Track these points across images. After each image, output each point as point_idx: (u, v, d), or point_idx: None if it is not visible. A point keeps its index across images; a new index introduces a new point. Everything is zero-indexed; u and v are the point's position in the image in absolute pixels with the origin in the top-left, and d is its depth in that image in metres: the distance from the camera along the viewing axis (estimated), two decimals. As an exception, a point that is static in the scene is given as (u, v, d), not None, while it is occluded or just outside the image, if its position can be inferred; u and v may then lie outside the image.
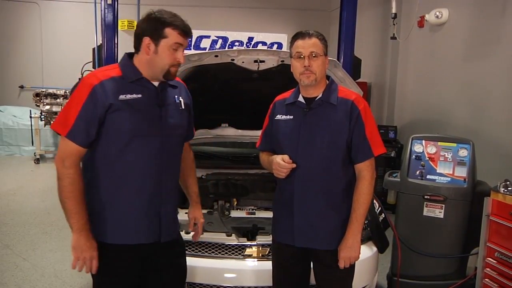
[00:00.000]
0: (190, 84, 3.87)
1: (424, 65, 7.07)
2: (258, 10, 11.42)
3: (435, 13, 6.39)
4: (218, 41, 11.29)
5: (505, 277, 3.06)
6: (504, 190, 3.16)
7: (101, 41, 7.15)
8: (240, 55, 3.67)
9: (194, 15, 11.14)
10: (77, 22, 10.90)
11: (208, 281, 3.23)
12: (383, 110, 8.48)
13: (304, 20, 11.57)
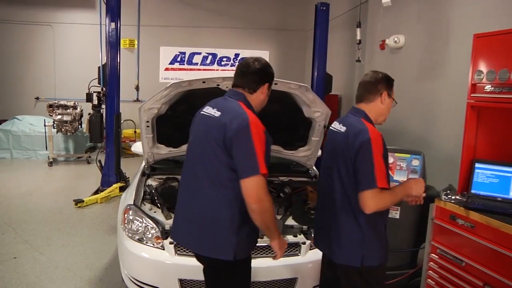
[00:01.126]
0: (181, 105, 3.98)
1: (385, 81, 7.05)
2: (244, 30, 11.44)
3: (394, 39, 6.43)
4: (209, 57, 11.30)
5: (445, 270, 3.14)
6: (445, 197, 3.24)
7: (106, 60, 7.19)
8: (224, 81, 3.73)
9: (188, 34, 11.27)
10: (86, 42, 10.94)
11: (199, 277, 3.08)
12: (350, 119, 8.51)
13: (284, 39, 11.67)
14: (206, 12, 11.28)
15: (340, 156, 2.58)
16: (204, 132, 2.56)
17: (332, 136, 2.72)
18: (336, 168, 2.61)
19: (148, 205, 3.78)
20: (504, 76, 2.93)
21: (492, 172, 3.19)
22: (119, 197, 6.73)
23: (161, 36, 11.18)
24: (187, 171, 2.70)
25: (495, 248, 2.76)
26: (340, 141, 2.59)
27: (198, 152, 2.59)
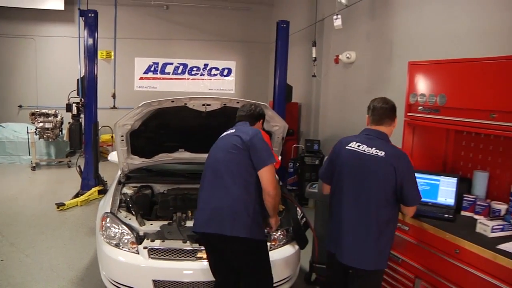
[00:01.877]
0: (153, 122, 4.06)
1: (340, 92, 7.23)
2: (212, 42, 11.49)
3: (346, 55, 6.64)
4: (180, 67, 11.40)
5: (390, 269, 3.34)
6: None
7: (84, 73, 7.18)
8: (191, 101, 3.84)
9: (160, 46, 11.28)
10: (66, 53, 10.80)
11: (171, 278, 3.33)
12: (310, 126, 8.64)
13: (249, 50, 11.77)
14: (178, 25, 11.29)
15: (383, 177, 2.69)
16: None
17: (365, 157, 2.77)
18: (375, 187, 2.71)
19: (124, 213, 3.86)
20: (432, 99, 3.15)
21: (425, 180, 3.40)
22: (98, 199, 6.78)
23: (136, 48, 11.14)
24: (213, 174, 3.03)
25: (425, 247, 2.97)
26: (381, 165, 2.70)
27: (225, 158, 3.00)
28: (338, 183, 2.91)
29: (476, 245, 2.61)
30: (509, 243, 2.63)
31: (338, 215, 2.88)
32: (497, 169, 3.29)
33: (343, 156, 2.88)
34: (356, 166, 2.79)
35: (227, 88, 11.70)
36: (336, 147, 3.00)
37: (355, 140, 2.88)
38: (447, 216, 3.09)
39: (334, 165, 2.96)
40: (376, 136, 2.84)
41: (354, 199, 2.78)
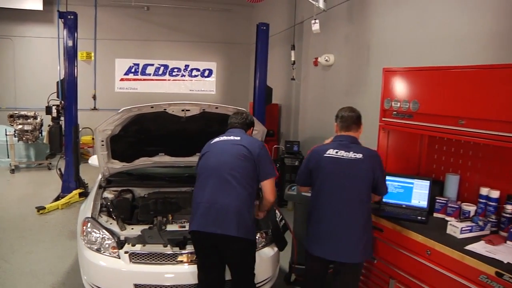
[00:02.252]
0: (133, 127, 4.09)
1: (319, 94, 7.32)
2: (193, 43, 11.48)
3: (325, 58, 6.73)
4: (161, 68, 11.37)
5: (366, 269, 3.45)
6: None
7: (64, 75, 7.13)
8: (170, 106, 3.88)
9: (141, 47, 11.22)
10: (45, 54, 10.64)
11: (152, 282, 3.36)
12: (290, 127, 8.72)
13: (230, 51, 11.79)
14: (159, 26, 11.25)
15: (364, 176, 3.02)
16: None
17: (346, 162, 3.04)
18: (357, 186, 3.02)
19: (105, 217, 3.87)
20: (405, 105, 3.25)
21: (399, 184, 3.51)
22: (79, 202, 6.75)
23: (116, 49, 11.06)
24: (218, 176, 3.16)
25: (398, 248, 3.08)
26: (362, 166, 3.02)
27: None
28: (321, 188, 3.12)
29: (446, 247, 2.72)
30: (476, 243, 2.75)
31: (323, 217, 3.09)
32: (467, 172, 3.42)
33: (323, 163, 3.11)
34: (337, 170, 3.05)
35: (208, 89, 11.71)
36: (312, 157, 3.22)
37: (331, 147, 3.14)
38: (420, 218, 3.20)
39: (313, 173, 3.18)
40: (350, 142, 3.15)
41: (339, 200, 3.03)
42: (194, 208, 3.23)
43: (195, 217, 3.18)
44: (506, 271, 2.36)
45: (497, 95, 2.61)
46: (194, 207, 3.23)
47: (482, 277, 2.46)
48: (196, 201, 3.22)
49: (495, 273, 2.39)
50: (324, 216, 3.10)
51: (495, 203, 3.08)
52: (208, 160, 3.28)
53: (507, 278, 2.33)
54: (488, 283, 2.43)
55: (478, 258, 2.53)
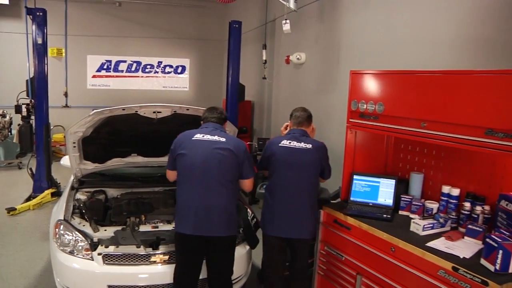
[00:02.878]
0: (104, 129, 4.10)
1: (291, 91, 7.42)
2: (166, 39, 11.41)
3: (296, 56, 6.84)
4: (133, 64, 11.28)
5: (330, 263, 3.57)
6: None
7: (34, 73, 7.03)
8: (142, 109, 3.91)
9: (113, 43, 11.10)
10: (13, 50, 10.36)
11: (126, 283, 3.41)
12: (263, 124, 8.81)
13: (203, 48, 11.79)
14: (131, 22, 11.14)
15: (312, 163, 3.49)
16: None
17: (293, 151, 3.49)
18: (306, 171, 3.48)
19: (78, 219, 3.88)
20: (371, 107, 3.37)
21: (366, 182, 3.64)
22: (51, 202, 6.69)
23: (88, 45, 10.90)
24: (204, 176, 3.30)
25: (364, 246, 3.20)
26: (311, 154, 3.48)
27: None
28: (276, 174, 3.54)
29: (408, 244, 2.85)
30: (437, 240, 2.89)
31: (278, 200, 3.52)
32: (431, 171, 3.56)
33: (278, 152, 3.53)
34: (290, 158, 3.48)
35: (181, 85, 11.68)
36: (268, 147, 3.66)
37: (285, 138, 3.58)
38: (385, 216, 3.33)
39: (270, 161, 3.59)
40: (301, 134, 3.60)
41: (293, 184, 3.47)
42: (183, 210, 3.32)
43: (186, 219, 3.28)
44: (461, 266, 2.50)
45: (457, 99, 2.74)
46: (183, 209, 3.32)
47: (440, 272, 2.60)
48: (184, 203, 3.31)
49: (452, 268, 2.53)
50: (278, 199, 3.52)
51: (455, 201, 3.23)
52: (192, 160, 3.32)
53: (462, 272, 2.47)
54: (445, 277, 2.57)
55: (437, 254, 2.67)
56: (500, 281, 2.33)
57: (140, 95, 11.24)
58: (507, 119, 2.42)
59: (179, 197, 3.39)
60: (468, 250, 2.72)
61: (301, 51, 6.83)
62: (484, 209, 3.01)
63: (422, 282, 2.72)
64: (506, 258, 2.42)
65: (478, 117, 2.60)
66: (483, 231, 2.83)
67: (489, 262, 2.48)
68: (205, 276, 3.54)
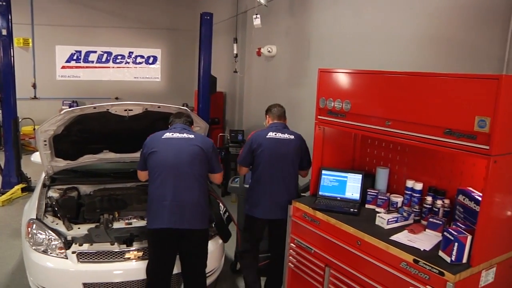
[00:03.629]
0: (75, 127, 4.10)
1: (262, 83, 7.49)
2: (137, 29, 11.30)
3: (267, 48, 6.91)
4: (104, 55, 11.14)
5: (300, 255, 3.66)
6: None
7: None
8: (113, 107, 3.94)
9: (83, 33, 10.91)
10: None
11: (101, 280, 3.47)
12: (235, 115, 8.87)
13: (175, 38, 11.71)
14: (101, 12, 10.96)
15: (294, 152, 3.93)
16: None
17: (279, 141, 3.91)
18: (290, 159, 3.91)
19: (51, 218, 3.89)
20: (338, 105, 3.47)
21: (334, 177, 3.76)
22: (22, 198, 6.63)
23: (56, 35, 10.69)
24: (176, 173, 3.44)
25: (332, 239, 3.33)
26: (293, 144, 3.94)
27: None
28: (262, 162, 3.90)
29: (373, 238, 2.99)
30: (400, 233, 3.03)
31: (264, 184, 3.90)
32: (396, 165, 3.71)
33: (265, 143, 3.89)
34: (277, 148, 3.90)
35: (153, 76, 11.62)
36: (254, 140, 3.96)
37: (270, 131, 3.96)
38: (352, 210, 3.46)
39: (255, 152, 3.91)
40: (283, 127, 4.04)
41: (277, 170, 3.88)
42: (156, 206, 3.39)
43: (160, 214, 3.36)
44: (421, 258, 2.65)
45: (419, 100, 2.85)
46: (156, 204, 3.39)
47: (403, 264, 2.75)
48: (158, 199, 3.39)
49: (413, 260, 2.68)
50: (264, 183, 3.90)
51: (419, 195, 3.38)
52: (163, 157, 3.44)
53: (422, 264, 2.62)
54: (407, 269, 2.71)
55: (400, 247, 2.81)
56: (454, 272, 2.49)
57: (112, 86, 11.17)
58: (463, 120, 2.55)
59: (151, 193, 3.47)
60: (429, 242, 2.88)
61: (272, 44, 6.89)
62: (444, 202, 3.18)
63: (386, 273, 2.86)
64: (461, 250, 2.59)
65: (438, 118, 2.73)
66: (443, 224, 3.00)
67: (446, 254, 2.64)
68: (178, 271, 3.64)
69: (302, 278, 3.69)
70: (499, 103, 2.36)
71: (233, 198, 6.02)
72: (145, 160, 3.53)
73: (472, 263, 2.59)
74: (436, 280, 2.55)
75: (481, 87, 2.46)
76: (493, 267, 2.76)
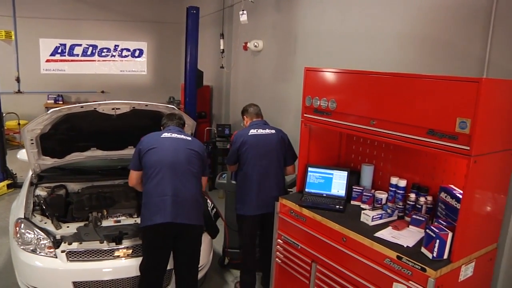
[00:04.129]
0: (63, 125, 4.11)
1: (248, 78, 7.49)
2: (123, 22, 11.16)
3: (254, 43, 6.91)
4: (89, 48, 11.04)
5: (287, 251, 3.74)
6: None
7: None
8: (101, 106, 3.95)
9: (68, 26, 10.76)
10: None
11: (91, 278, 3.50)
12: (221, 109, 8.87)
13: (161, 31, 11.61)
14: (86, 4, 10.78)
15: (278, 146, 4.08)
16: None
17: (263, 136, 4.09)
18: (274, 153, 4.06)
19: (39, 217, 3.90)
20: (324, 104, 3.53)
21: (320, 174, 3.83)
22: (7, 194, 6.60)
23: (40, 28, 10.50)
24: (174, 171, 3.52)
25: (318, 236, 3.41)
26: (275, 138, 4.11)
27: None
28: (249, 160, 4.02)
29: (358, 234, 3.07)
30: (384, 230, 3.12)
31: (251, 181, 4.02)
32: (381, 162, 3.80)
33: (249, 141, 4.03)
34: (260, 143, 4.03)
35: (139, 69, 11.55)
36: (237, 139, 4.11)
37: (252, 128, 4.12)
38: (338, 207, 3.53)
39: (240, 151, 4.05)
40: (263, 123, 4.24)
41: (263, 166, 4.02)
42: (155, 202, 3.43)
43: (163, 209, 3.40)
44: (404, 255, 2.74)
45: (403, 100, 2.91)
46: (156, 200, 3.43)
47: (386, 260, 2.84)
48: (157, 195, 3.43)
49: (396, 257, 2.77)
50: (251, 180, 4.02)
51: (402, 191, 3.47)
52: (161, 155, 3.52)
53: (405, 261, 2.72)
54: (391, 265, 2.81)
55: (384, 244, 2.90)
56: (436, 267, 2.59)
57: (97, 80, 11.09)
58: (445, 121, 2.63)
59: (149, 191, 3.49)
60: (412, 239, 2.97)
61: (259, 38, 6.89)
62: (427, 199, 3.27)
63: (371, 269, 2.95)
64: (442, 246, 2.69)
65: (421, 118, 2.80)
66: (426, 221, 3.10)
67: (428, 250, 2.74)
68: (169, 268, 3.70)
69: (289, 273, 3.77)
70: (479, 105, 2.44)
71: (221, 194, 6.07)
72: (140, 158, 3.56)
73: (453, 258, 2.70)
74: (419, 276, 2.64)
75: (462, 89, 2.54)
76: (472, 261, 2.87)
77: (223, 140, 7.43)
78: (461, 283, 2.83)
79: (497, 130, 2.71)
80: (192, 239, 3.66)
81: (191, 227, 3.54)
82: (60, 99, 10.41)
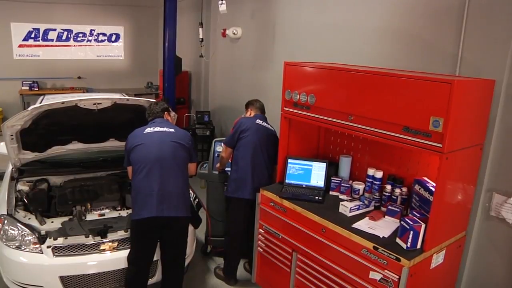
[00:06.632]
0: (44, 120, 4.09)
1: (227, 65, 7.52)
2: (98, 6, 10.86)
3: (233, 30, 6.91)
4: (64, 33, 10.82)
5: (268, 241, 3.88)
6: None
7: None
8: (82, 101, 3.95)
9: (41, 10, 10.46)
10: None
11: (77, 272, 3.55)
12: (200, 95, 8.88)
13: (138, 15, 11.40)
14: (58, -13, 10.53)
15: (271, 140, 4.29)
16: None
17: (265, 129, 4.32)
18: (265, 146, 4.24)
19: (22, 212, 3.90)
20: (303, 98, 3.61)
21: (300, 166, 3.95)
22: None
23: (11, 12, 10.11)
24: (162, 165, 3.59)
25: (298, 226, 3.54)
26: (273, 135, 4.35)
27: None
28: (248, 144, 4.19)
29: (337, 225, 3.21)
30: (361, 220, 3.27)
31: (247, 165, 4.17)
32: (358, 154, 3.93)
33: (253, 127, 4.24)
34: (260, 134, 4.24)
35: (116, 54, 11.37)
36: (243, 123, 4.29)
37: (258, 118, 4.37)
38: (317, 198, 3.66)
39: (242, 134, 4.22)
40: (265, 119, 4.47)
41: (261, 155, 4.20)
42: (143, 196, 3.51)
43: (149, 204, 3.49)
44: (380, 245, 2.90)
45: (380, 97, 3.01)
46: (143, 195, 3.51)
47: (363, 251, 2.99)
48: (144, 190, 3.52)
49: (372, 247, 2.93)
50: (246, 164, 4.17)
51: (379, 182, 3.62)
52: (146, 151, 3.60)
53: (381, 251, 2.87)
54: (368, 255, 2.96)
55: (361, 235, 3.05)
56: (409, 257, 2.76)
57: (73, 65, 10.90)
58: (419, 119, 2.75)
59: (137, 186, 3.58)
60: (387, 229, 3.12)
61: (238, 26, 6.90)
62: (402, 191, 3.43)
63: (349, 259, 3.10)
64: (415, 237, 2.85)
65: (397, 116, 2.91)
66: (401, 211, 3.26)
67: (402, 241, 2.89)
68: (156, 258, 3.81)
69: (271, 262, 3.91)
70: (451, 105, 2.56)
71: (202, 184, 6.13)
72: (129, 155, 3.67)
73: (425, 248, 2.87)
74: (393, 265, 2.80)
75: (435, 89, 2.65)
76: (443, 250, 3.05)
77: (203, 126, 7.47)
78: (432, 270, 3.01)
79: (467, 127, 2.85)
80: (179, 229, 3.75)
81: (178, 219, 3.64)
82: (35, 86, 10.18)
